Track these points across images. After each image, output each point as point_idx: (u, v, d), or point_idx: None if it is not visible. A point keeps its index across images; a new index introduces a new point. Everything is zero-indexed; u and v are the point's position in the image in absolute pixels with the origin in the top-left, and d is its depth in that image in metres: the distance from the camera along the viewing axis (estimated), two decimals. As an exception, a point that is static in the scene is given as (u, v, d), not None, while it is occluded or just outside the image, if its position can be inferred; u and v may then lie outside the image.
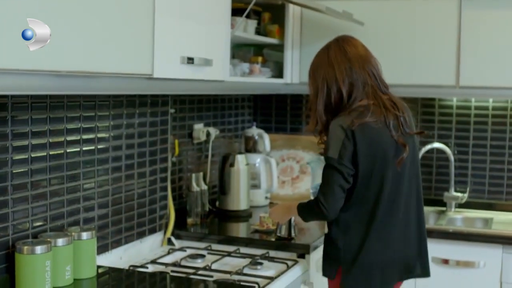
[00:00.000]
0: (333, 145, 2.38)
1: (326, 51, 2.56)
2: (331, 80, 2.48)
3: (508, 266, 3.13)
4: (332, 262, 2.50)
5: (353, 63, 2.49)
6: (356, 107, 2.44)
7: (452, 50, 3.40)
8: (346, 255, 2.45)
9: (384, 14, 3.53)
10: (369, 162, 2.39)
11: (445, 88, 3.44)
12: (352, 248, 2.44)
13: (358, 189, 2.41)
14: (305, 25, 3.68)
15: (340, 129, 2.38)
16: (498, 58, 3.35)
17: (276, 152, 3.91)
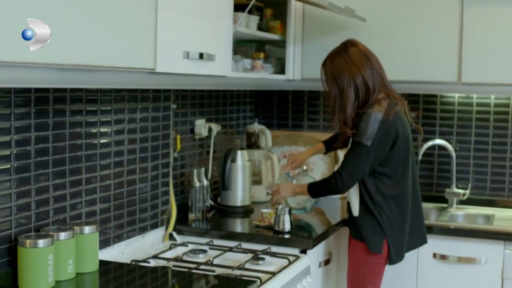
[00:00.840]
0: (370, 133, 2.71)
1: (345, 54, 2.84)
2: (359, 78, 2.79)
3: (509, 262, 3.13)
4: (378, 237, 2.83)
5: (372, 62, 2.85)
6: (379, 99, 2.78)
7: (454, 47, 3.40)
8: (392, 227, 2.82)
9: (386, 10, 3.53)
10: (404, 145, 2.82)
11: (446, 84, 3.44)
12: (394, 220, 2.83)
13: (394, 169, 2.81)
14: (307, 21, 3.68)
15: (378, 118, 2.72)
16: (500, 54, 3.35)
17: (278, 148, 3.92)
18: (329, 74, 2.85)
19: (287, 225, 2.97)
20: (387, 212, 2.82)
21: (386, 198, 2.82)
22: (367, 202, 2.83)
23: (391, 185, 2.83)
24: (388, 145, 2.77)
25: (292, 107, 4.10)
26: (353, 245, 2.94)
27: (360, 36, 3.51)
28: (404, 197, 2.86)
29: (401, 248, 2.89)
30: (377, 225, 2.83)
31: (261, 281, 2.39)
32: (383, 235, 2.83)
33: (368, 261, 2.87)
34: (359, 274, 2.90)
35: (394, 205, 2.83)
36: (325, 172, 3.79)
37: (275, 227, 2.99)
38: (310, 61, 3.66)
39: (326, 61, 2.89)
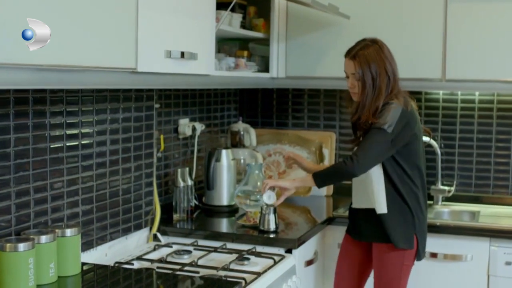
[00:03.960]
0: (391, 121, 2.76)
1: (376, 46, 2.89)
2: (389, 69, 2.87)
3: (495, 259, 3.12)
4: (410, 232, 2.85)
5: (393, 57, 2.95)
6: (396, 93, 2.86)
7: (438, 44, 3.39)
8: (420, 220, 2.86)
9: (370, 7, 3.52)
10: (420, 136, 2.92)
11: (431, 81, 3.44)
12: (420, 215, 2.88)
13: (419, 160, 2.89)
14: (291, 19, 3.66)
15: (399, 109, 2.78)
16: (483, 51, 3.34)
17: (263, 147, 3.90)
18: (363, 65, 2.84)
19: (272, 224, 2.95)
20: (421, 203, 2.88)
21: (418, 188, 2.88)
22: (396, 195, 2.84)
23: (419, 176, 2.89)
24: (406, 136, 2.82)
25: (277, 105, 4.08)
26: (378, 251, 2.90)
27: (344, 34, 3.53)
28: (425, 188, 2.95)
29: (425, 242, 2.92)
30: (410, 219, 2.84)
31: (246, 282, 2.37)
32: (413, 229, 2.85)
33: (403, 264, 2.87)
34: (395, 278, 2.87)
35: (422, 196, 2.90)
36: (311, 171, 3.77)
37: (260, 227, 2.97)
38: (294, 59, 3.65)
39: (357, 53, 2.87)
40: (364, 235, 2.96)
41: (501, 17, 3.31)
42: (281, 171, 3.81)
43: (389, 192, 2.84)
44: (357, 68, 2.85)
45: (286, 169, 3.80)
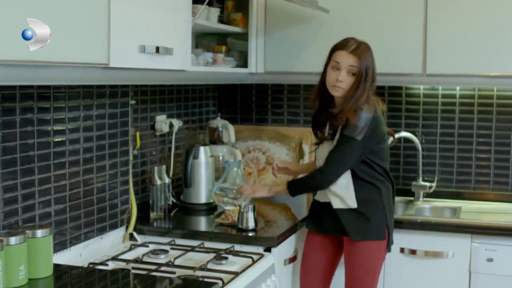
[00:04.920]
0: (363, 128, 2.77)
1: (372, 52, 2.89)
2: (375, 77, 2.89)
3: (476, 255, 3.09)
4: (382, 223, 2.86)
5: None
6: (367, 97, 2.83)
7: (419, 38, 3.35)
8: (388, 216, 2.87)
9: (350, 1, 3.47)
10: (386, 138, 2.95)
11: (411, 76, 3.41)
12: (389, 209, 2.88)
13: (385, 157, 2.92)
14: (270, 13, 3.60)
15: (369, 115, 2.78)
16: (464, 45, 3.31)
17: (242, 143, 3.84)
18: (363, 62, 2.82)
19: (251, 222, 2.90)
20: (385, 195, 2.88)
21: (383, 181, 2.88)
22: (366, 190, 2.85)
23: (384, 170, 2.90)
24: (375, 141, 2.83)
25: (256, 101, 4.02)
26: (352, 248, 2.87)
27: (323, 28, 3.48)
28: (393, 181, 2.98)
29: (392, 233, 2.92)
30: (382, 210, 2.85)
31: (224, 282, 2.31)
32: (385, 220, 2.87)
33: (378, 257, 2.89)
34: (369, 272, 2.87)
35: (387, 189, 2.91)
36: (290, 167, 3.71)
37: (238, 225, 2.91)
38: (273, 54, 3.60)
39: (360, 48, 2.85)
40: (333, 229, 2.93)
41: (482, 12, 3.28)
42: (261, 168, 3.76)
43: (357, 185, 2.84)
44: (357, 63, 2.80)
45: (265, 165, 3.75)
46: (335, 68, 2.83)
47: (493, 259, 3.07)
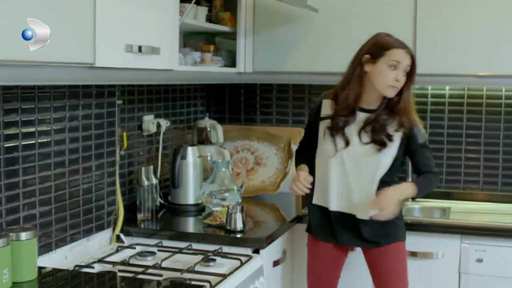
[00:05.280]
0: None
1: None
2: None
3: (466, 256, 3.07)
4: (403, 224, 2.89)
5: None
6: None
7: (408, 37, 3.31)
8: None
9: (339, 0, 3.44)
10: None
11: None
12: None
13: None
14: (259, 12, 3.57)
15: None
16: (454, 45, 3.29)
17: (230, 144, 3.80)
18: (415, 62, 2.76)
19: (239, 223, 2.87)
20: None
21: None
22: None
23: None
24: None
25: (245, 100, 3.99)
26: (380, 254, 2.82)
27: (312, 27, 3.46)
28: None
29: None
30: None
31: (211, 285, 2.28)
32: (403, 219, 2.93)
33: (405, 256, 2.87)
34: (403, 272, 2.84)
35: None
36: (279, 167, 3.68)
37: (226, 226, 2.88)
38: (262, 54, 3.57)
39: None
40: (350, 240, 2.84)
41: (471, 11, 3.26)
42: (249, 168, 3.72)
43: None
44: (412, 63, 2.71)
45: (254, 165, 3.72)
46: (393, 67, 2.67)
47: (483, 259, 3.05)
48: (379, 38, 2.75)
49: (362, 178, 2.76)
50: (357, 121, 2.75)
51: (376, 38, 2.76)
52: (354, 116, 2.75)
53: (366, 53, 2.71)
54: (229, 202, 3.04)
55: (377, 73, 2.68)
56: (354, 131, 2.75)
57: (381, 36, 2.76)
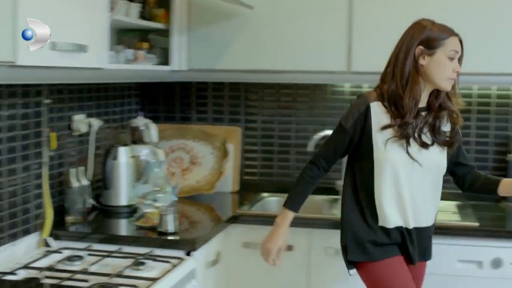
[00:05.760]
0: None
1: None
2: None
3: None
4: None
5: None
6: None
7: (343, 35, 3.32)
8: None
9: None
10: None
11: (336, 74, 3.36)
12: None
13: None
14: (194, 9, 3.51)
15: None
16: (389, 42, 3.27)
17: (165, 143, 3.73)
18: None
19: (171, 225, 2.80)
20: None
21: None
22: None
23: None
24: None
25: (180, 99, 3.92)
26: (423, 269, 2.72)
27: (248, 25, 3.42)
28: None
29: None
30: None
31: (140, 290, 2.22)
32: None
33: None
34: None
35: None
36: (215, 166, 3.63)
37: (158, 228, 2.81)
38: (197, 51, 3.51)
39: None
40: (428, 253, 2.68)
41: (407, 8, 3.26)
42: (185, 168, 3.66)
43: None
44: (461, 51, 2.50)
45: (189, 165, 3.66)
46: (451, 58, 2.44)
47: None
48: (431, 27, 2.47)
49: (434, 185, 2.58)
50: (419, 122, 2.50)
51: (426, 26, 2.47)
52: (418, 117, 2.48)
53: (419, 45, 2.45)
54: (162, 203, 2.97)
55: (436, 65, 2.44)
56: (418, 133, 2.50)
57: (430, 24, 2.49)
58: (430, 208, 2.60)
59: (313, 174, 2.67)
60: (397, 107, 2.46)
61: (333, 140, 2.62)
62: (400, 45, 2.51)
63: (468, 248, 2.98)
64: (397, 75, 2.47)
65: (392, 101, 2.47)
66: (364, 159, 2.54)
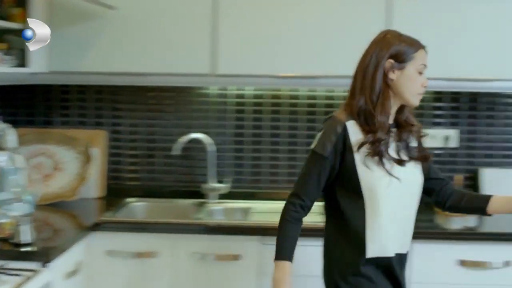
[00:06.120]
0: None
1: None
2: None
3: (265, 257, 3.07)
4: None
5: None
6: None
7: (207, 37, 3.31)
8: None
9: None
10: None
11: (201, 76, 3.34)
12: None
13: None
14: (54, 9, 3.38)
15: None
16: (255, 46, 3.31)
17: (26, 148, 3.57)
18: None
19: (26, 236, 2.66)
20: None
21: None
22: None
23: None
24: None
25: (42, 102, 3.77)
26: None
27: (111, 26, 3.36)
28: None
29: None
30: None
31: (-13, 307, 2.10)
32: None
33: None
34: None
35: None
36: (79, 172, 3.52)
37: (12, 239, 2.68)
38: (59, 53, 3.39)
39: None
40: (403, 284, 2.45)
41: (271, 13, 3.30)
42: (47, 174, 3.52)
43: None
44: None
45: (52, 171, 3.53)
46: (420, 72, 2.32)
47: (282, 259, 3.07)
48: (401, 39, 2.33)
49: (413, 204, 2.40)
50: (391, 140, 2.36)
51: (395, 39, 2.33)
52: (390, 134, 2.33)
53: (389, 58, 2.30)
54: (18, 212, 2.84)
55: (406, 80, 2.30)
56: (393, 151, 2.35)
57: (398, 36, 2.35)
58: (409, 228, 2.42)
59: (298, 215, 2.37)
60: (367, 123, 2.30)
61: (313, 172, 2.34)
62: (368, 57, 2.33)
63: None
64: (367, 90, 2.30)
65: (362, 117, 2.31)
66: (346, 185, 2.33)
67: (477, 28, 3.27)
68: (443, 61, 3.19)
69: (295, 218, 2.36)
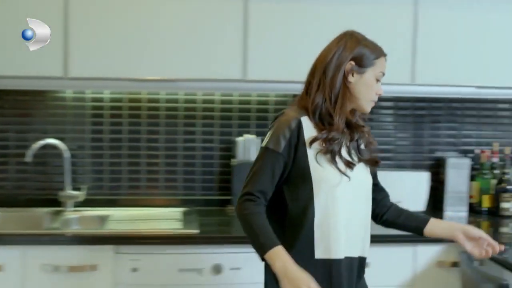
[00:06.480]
0: None
1: None
2: None
3: (121, 266, 2.96)
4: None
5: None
6: None
7: (58, 38, 3.16)
8: None
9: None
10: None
11: (53, 79, 3.21)
12: None
13: None
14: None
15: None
16: (108, 47, 3.22)
17: None
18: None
19: None
20: None
21: None
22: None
23: None
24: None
25: None
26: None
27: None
28: None
29: None
30: None
31: None
32: None
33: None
34: None
35: None
36: None
37: None
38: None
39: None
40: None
41: (126, 12, 3.22)
42: None
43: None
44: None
45: None
46: (378, 80, 2.27)
47: (138, 268, 2.97)
48: (365, 43, 2.26)
49: (365, 205, 2.32)
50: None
51: (360, 41, 2.26)
52: (343, 134, 2.27)
53: (351, 60, 2.23)
54: None
55: (364, 85, 2.24)
56: (345, 151, 2.28)
57: (363, 39, 2.27)
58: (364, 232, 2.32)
59: (260, 208, 2.19)
60: (322, 122, 2.23)
61: (267, 169, 2.20)
62: (329, 55, 2.24)
63: (188, 256, 2.98)
64: (326, 88, 2.22)
65: (317, 115, 2.23)
66: (299, 183, 2.22)
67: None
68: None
69: (258, 211, 2.18)
